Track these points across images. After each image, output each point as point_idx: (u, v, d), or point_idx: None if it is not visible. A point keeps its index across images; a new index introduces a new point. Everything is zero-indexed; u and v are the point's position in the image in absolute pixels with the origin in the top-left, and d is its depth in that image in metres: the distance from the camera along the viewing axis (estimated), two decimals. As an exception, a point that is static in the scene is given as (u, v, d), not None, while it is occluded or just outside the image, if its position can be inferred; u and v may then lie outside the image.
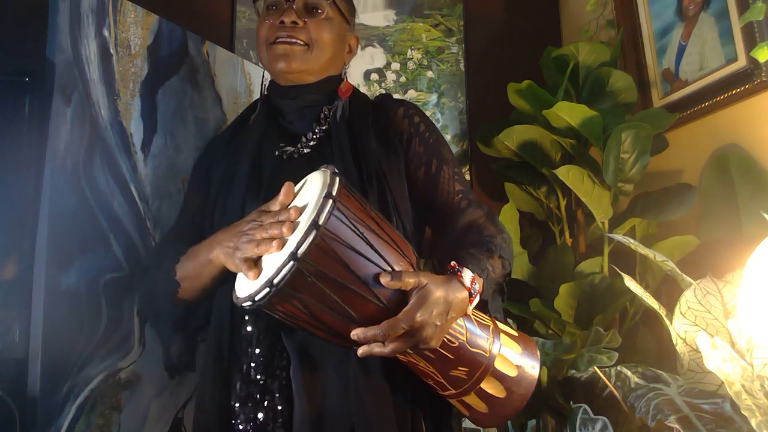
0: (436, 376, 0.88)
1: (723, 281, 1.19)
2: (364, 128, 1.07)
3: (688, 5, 1.56)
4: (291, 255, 0.74)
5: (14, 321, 1.09)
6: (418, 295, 0.80)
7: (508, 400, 0.90)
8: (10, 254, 1.12)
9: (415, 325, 0.79)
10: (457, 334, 0.87)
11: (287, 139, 1.10)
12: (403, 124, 1.10)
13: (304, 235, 0.74)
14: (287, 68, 1.07)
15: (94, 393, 1.14)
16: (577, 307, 1.55)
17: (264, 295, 0.76)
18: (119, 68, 1.27)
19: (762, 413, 0.94)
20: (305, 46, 1.07)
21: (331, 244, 0.76)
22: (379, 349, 0.79)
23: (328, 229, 0.76)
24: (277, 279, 0.75)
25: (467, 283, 0.86)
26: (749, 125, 1.39)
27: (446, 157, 1.09)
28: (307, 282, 0.76)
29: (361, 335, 0.78)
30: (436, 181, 1.06)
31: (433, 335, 0.81)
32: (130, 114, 1.29)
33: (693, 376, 1.18)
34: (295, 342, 0.94)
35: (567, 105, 1.52)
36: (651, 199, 1.56)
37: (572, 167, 1.53)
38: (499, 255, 0.97)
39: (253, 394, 0.95)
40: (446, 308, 0.82)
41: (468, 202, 1.06)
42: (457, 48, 2.16)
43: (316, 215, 0.75)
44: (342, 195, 0.80)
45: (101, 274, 1.18)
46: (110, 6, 1.26)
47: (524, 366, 0.92)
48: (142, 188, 1.29)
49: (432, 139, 1.10)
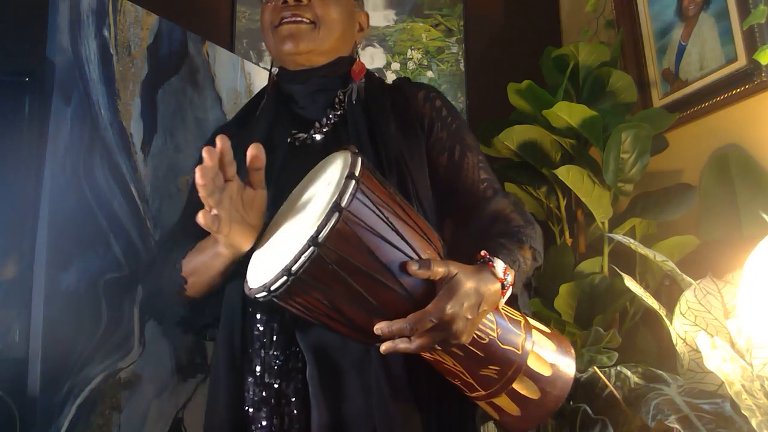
0: (465, 376, 0.82)
1: (723, 281, 1.19)
2: (383, 112, 1.01)
3: (688, 5, 1.56)
4: (311, 240, 0.67)
5: (14, 321, 1.09)
6: (448, 286, 0.74)
7: (542, 401, 0.83)
8: (10, 254, 1.12)
9: (444, 318, 0.73)
10: (488, 330, 0.81)
11: (299, 126, 1.04)
12: (424, 109, 1.03)
13: (326, 218, 0.68)
14: (294, 49, 1.00)
15: (94, 393, 1.14)
16: (577, 307, 1.55)
17: (281, 285, 0.70)
18: (119, 68, 1.27)
19: (762, 413, 0.94)
20: (311, 24, 1.00)
21: (354, 228, 0.70)
22: (404, 345, 0.73)
23: (350, 211, 0.69)
24: (296, 266, 0.68)
25: (500, 274, 0.80)
26: (749, 125, 1.39)
27: (470, 144, 1.03)
28: (328, 270, 0.69)
29: (386, 329, 0.72)
30: (459, 169, 1.00)
31: (463, 330, 0.74)
32: (130, 114, 1.29)
33: (693, 376, 1.18)
34: (311, 341, 0.88)
35: (567, 105, 1.52)
36: (651, 199, 1.56)
37: (572, 167, 1.52)
38: (530, 246, 0.91)
39: (268, 399, 0.89)
40: (478, 300, 0.76)
41: (494, 191, 1.00)
42: (457, 48, 2.16)
43: (338, 197, 0.69)
44: (365, 176, 0.74)
45: (101, 274, 1.18)
46: (110, 6, 1.26)
47: (559, 364, 0.86)
48: (142, 188, 1.30)
49: (455, 124, 1.03)
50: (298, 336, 0.89)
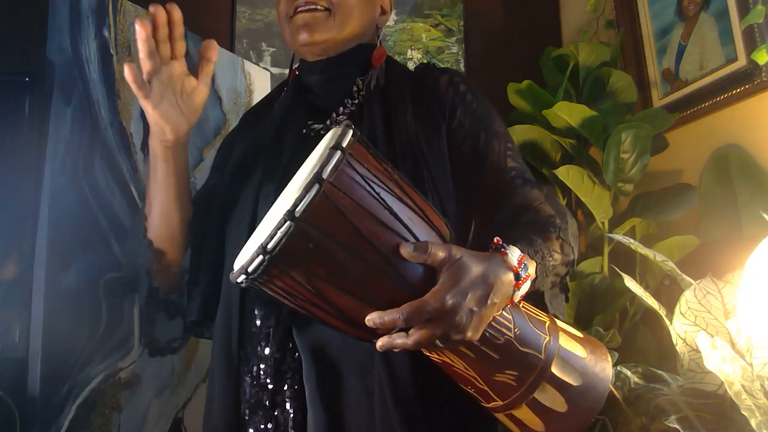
0: (478, 382, 0.72)
1: (723, 281, 1.19)
2: (401, 100, 0.94)
3: (688, 5, 1.56)
4: (287, 214, 0.60)
5: (14, 321, 1.09)
6: (450, 272, 0.65)
7: (571, 415, 0.72)
8: (10, 254, 1.12)
9: (445, 309, 0.63)
10: (504, 329, 0.71)
11: (316, 116, 0.97)
12: (446, 94, 0.96)
13: (304, 190, 0.61)
14: (310, 38, 0.93)
15: (94, 393, 1.14)
16: (577, 307, 1.55)
17: (257, 265, 0.62)
18: (119, 68, 1.27)
19: (762, 413, 0.94)
20: (326, 11, 0.93)
21: (337, 203, 0.62)
22: (401, 340, 0.65)
23: (334, 184, 0.62)
24: (271, 244, 0.61)
25: (513, 262, 0.71)
26: (749, 125, 1.39)
27: (497, 131, 0.94)
28: (309, 249, 0.62)
29: (377, 320, 0.64)
30: (484, 157, 0.92)
31: (468, 323, 0.65)
32: (130, 114, 1.29)
33: (693, 376, 1.18)
34: (308, 339, 0.82)
35: (567, 105, 1.52)
36: (651, 199, 1.56)
37: (572, 167, 1.52)
38: (558, 236, 0.81)
39: (263, 401, 0.83)
40: (486, 291, 0.66)
41: (523, 180, 0.91)
42: (457, 48, 2.16)
43: (320, 168, 0.62)
44: (355, 149, 0.66)
45: (101, 274, 1.18)
46: (110, 6, 1.26)
47: (591, 373, 0.74)
48: (142, 188, 1.29)
49: (480, 110, 0.95)
50: (295, 333, 0.83)
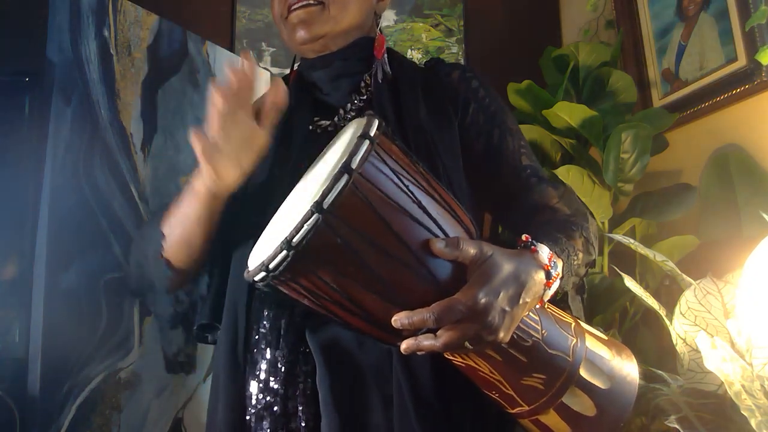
0: (504, 387, 0.69)
1: (723, 281, 1.19)
2: (412, 96, 0.91)
3: (688, 5, 1.56)
4: (315, 205, 0.55)
5: (14, 321, 1.09)
6: (481, 270, 0.62)
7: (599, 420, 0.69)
8: (10, 254, 1.12)
9: (477, 308, 0.59)
10: (531, 331, 0.68)
11: (323, 113, 0.94)
12: (458, 90, 0.93)
13: (333, 180, 0.56)
14: (307, 35, 0.90)
15: (94, 393, 1.14)
16: (577, 307, 1.55)
17: (280, 261, 0.58)
18: (119, 68, 1.27)
19: (762, 413, 0.94)
20: (320, 5, 0.89)
21: (366, 195, 0.58)
22: (429, 342, 0.60)
23: (363, 175, 0.58)
24: (297, 237, 0.56)
25: (545, 260, 0.67)
26: (749, 125, 1.39)
27: (510, 128, 0.92)
28: (336, 244, 0.57)
29: (405, 321, 0.60)
30: (498, 154, 0.89)
31: (500, 324, 0.61)
32: (130, 114, 1.29)
33: (693, 376, 1.18)
34: (322, 341, 0.78)
35: (567, 105, 1.52)
36: (651, 199, 1.56)
37: (572, 167, 1.52)
38: (582, 234, 0.78)
39: (272, 406, 0.79)
40: (518, 290, 0.63)
41: (538, 179, 0.88)
42: (457, 48, 2.16)
43: (349, 157, 0.58)
44: (382, 139, 0.63)
45: (101, 274, 1.18)
46: (110, 6, 1.26)
47: (619, 376, 0.72)
48: (142, 188, 1.30)
49: (493, 106, 0.93)
50: (308, 335, 0.79)
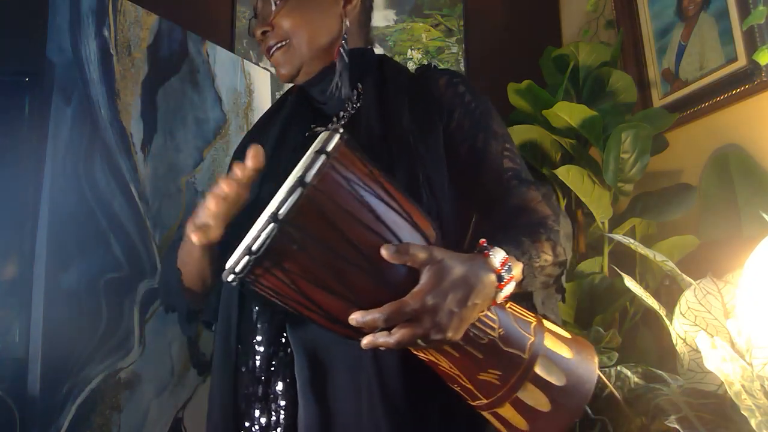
0: (463, 380, 0.74)
1: (723, 281, 1.19)
2: (399, 102, 0.95)
3: (688, 5, 1.56)
4: (271, 216, 0.63)
5: (14, 321, 1.09)
6: (431, 273, 0.67)
7: (554, 415, 0.73)
8: (10, 254, 1.12)
9: (425, 310, 0.65)
10: (488, 330, 0.73)
11: (321, 121, 1.00)
12: (445, 96, 0.97)
13: (287, 193, 0.63)
14: (287, 72, 0.98)
15: (94, 393, 1.14)
16: (577, 307, 1.55)
17: (244, 266, 0.65)
18: (119, 68, 1.27)
19: (762, 413, 0.94)
20: (285, 44, 0.96)
21: (321, 206, 0.64)
22: (383, 339, 0.66)
23: (317, 187, 0.64)
24: (256, 245, 0.63)
25: (495, 264, 0.72)
26: (749, 125, 1.39)
27: (495, 131, 0.95)
28: (293, 251, 0.64)
29: (360, 319, 0.66)
30: (481, 158, 0.93)
31: (448, 324, 0.66)
32: (130, 114, 1.29)
33: (693, 376, 1.18)
34: (301, 335, 0.85)
35: (567, 105, 1.52)
36: (651, 199, 1.56)
37: (572, 167, 1.52)
38: (548, 238, 0.82)
39: (257, 393, 0.87)
40: (467, 292, 0.68)
41: (520, 181, 0.91)
42: (457, 48, 2.16)
43: (304, 171, 0.64)
44: (341, 153, 0.68)
45: (101, 274, 1.18)
46: (110, 6, 1.26)
47: (575, 374, 0.75)
48: (142, 188, 1.30)
49: (479, 111, 0.96)
50: (288, 329, 0.86)
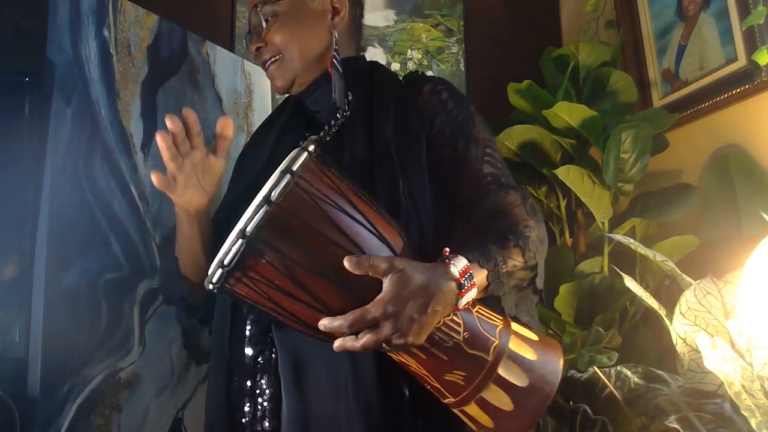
0: (431, 380, 0.79)
1: (723, 281, 1.19)
2: (384, 111, 0.99)
3: (688, 5, 1.56)
4: (239, 232, 0.69)
5: (14, 321, 1.09)
6: (391, 283, 0.71)
7: (517, 414, 0.77)
8: (10, 254, 1.12)
9: (386, 316, 0.70)
10: (453, 333, 0.77)
11: (315, 129, 1.05)
12: (428, 103, 1.00)
13: (254, 211, 0.69)
14: (281, 87, 1.04)
15: (94, 393, 1.14)
16: (577, 307, 1.55)
17: (218, 277, 0.71)
18: (119, 68, 1.27)
19: (762, 413, 0.94)
20: (278, 58, 1.02)
21: (285, 222, 0.70)
22: (350, 343, 0.71)
23: (282, 206, 0.69)
24: (227, 259, 0.69)
25: (455, 273, 0.76)
26: (749, 125, 1.39)
27: (476, 137, 0.97)
28: (263, 263, 0.70)
29: (327, 325, 0.71)
30: (462, 164, 0.95)
31: (408, 329, 0.71)
32: (130, 114, 1.29)
33: (693, 376, 1.18)
34: (285, 338, 0.90)
35: (567, 105, 1.52)
36: (651, 199, 1.56)
37: (572, 167, 1.52)
38: (517, 244, 0.84)
39: (247, 390, 0.93)
40: (426, 300, 0.72)
41: (499, 186, 0.94)
42: (457, 48, 2.16)
43: (269, 190, 0.69)
44: (307, 170, 0.73)
45: (101, 274, 1.18)
46: (110, 6, 1.26)
47: (538, 376, 0.78)
48: (142, 188, 1.30)
49: (461, 116, 0.99)
50: (273, 329, 0.91)
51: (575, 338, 1.40)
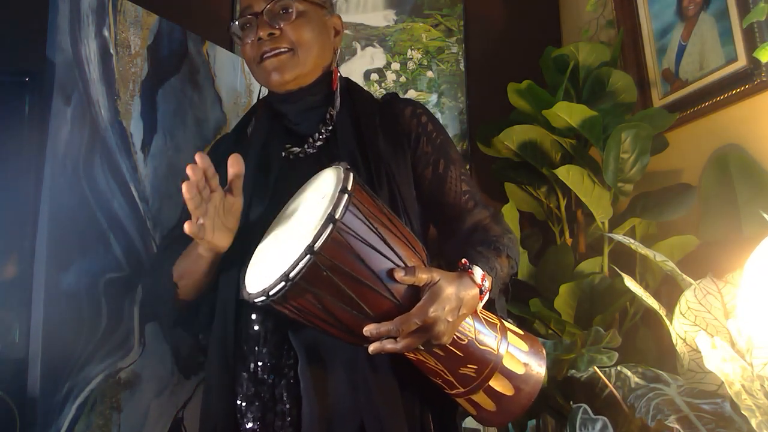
0: (445, 374, 0.89)
1: (723, 281, 1.19)
2: (372, 129, 1.07)
3: (688, 5, 1.56)
4: (308, 248, 0.75)
5: (14, 321, 1.10)
6: (431, 291, 0.81)
7: (517, 397, 0.91)
8: (10, 254, 1.12)
9: (428, 321, 0.80)
10: (466, 332, 0.88)
11: (293, 140, 1.10)
12: (411, 125, 1.10)
13: (321, 228, 0.75)
14: (281, 79, 1.06)
15: (94, 393, 1.14)
16: (577, 307, 1.55)
17: (279, 290, 0.77)
18: (119, 68, 1.27)
19: (762, 413, 0.95)
20: (290, 51, 1.06)
21: (346, 238, 0.77)
22: (391, 345, 0.80)
23: (344, 223, 0.77)
24: (294, 273, 0.75)
25: (478, 280, 0.87)
26: (749, 125, 1.39)
27: (453, 158, 1.10)
28: (322, 276, 0.76)
29: (374, 331, 0.79)
30: (443, 181, 1.07)
31: (445, 331, 0.82)
32: (130, 114, 1.29)
33: (693, 376, 1.18)
34: (303, 340, 0.95)
35: (567, 105, 1.52)
36: (651, 199, 1.56)
37: (572, 167, 1.52)
38: (507, 255, 0.98)
39: (260, 394, 0.96)
40: (458, 304, 0.83)
41: (475, 203, 1.07)
42: (457, 48, 2.16)
43: (333, 209, 0.77)
44: (356, 190, 0.81)
45: (101, 274, 1.18)
46: (110, 6, 1.26)
47: (531, 364, 0.93)
48: (142, 188, 1.29)
49: (440, 139, 1.10)
50: (291, 335, 0.96)
51: (575, 338, 1.40)
